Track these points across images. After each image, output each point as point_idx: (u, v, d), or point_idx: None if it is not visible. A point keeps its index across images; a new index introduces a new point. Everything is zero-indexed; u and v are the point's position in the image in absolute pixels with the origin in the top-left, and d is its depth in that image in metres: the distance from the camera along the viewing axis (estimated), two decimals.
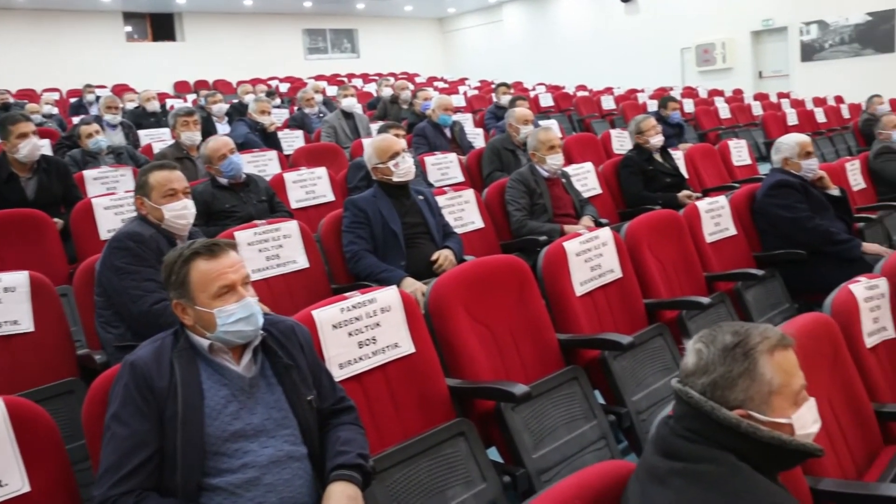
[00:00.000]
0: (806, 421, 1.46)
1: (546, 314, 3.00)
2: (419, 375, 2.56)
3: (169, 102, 11.78)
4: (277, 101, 11.46)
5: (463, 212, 4.35)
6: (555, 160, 4.50)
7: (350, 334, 2.46)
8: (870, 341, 2.62)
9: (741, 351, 1.44)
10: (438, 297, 2.73)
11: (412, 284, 3.44)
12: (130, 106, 9.68)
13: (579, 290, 3.16)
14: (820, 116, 11.14)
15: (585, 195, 4.94)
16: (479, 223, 4.40)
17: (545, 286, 3.12)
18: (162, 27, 19.97)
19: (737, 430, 1.40)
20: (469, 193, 4.43)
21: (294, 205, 4.90)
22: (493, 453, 2.69)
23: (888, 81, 14.26)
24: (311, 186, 5.08)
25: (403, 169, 3.77)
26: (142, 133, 7.78)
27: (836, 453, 2.23)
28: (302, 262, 3.74)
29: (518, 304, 2.93)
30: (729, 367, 1.43)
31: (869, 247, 4.21)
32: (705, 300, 3.36)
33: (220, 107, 8.49)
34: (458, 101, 11.59)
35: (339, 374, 2.37)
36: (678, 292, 3.65)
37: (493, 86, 10.80)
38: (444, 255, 3.66)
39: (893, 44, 15.47)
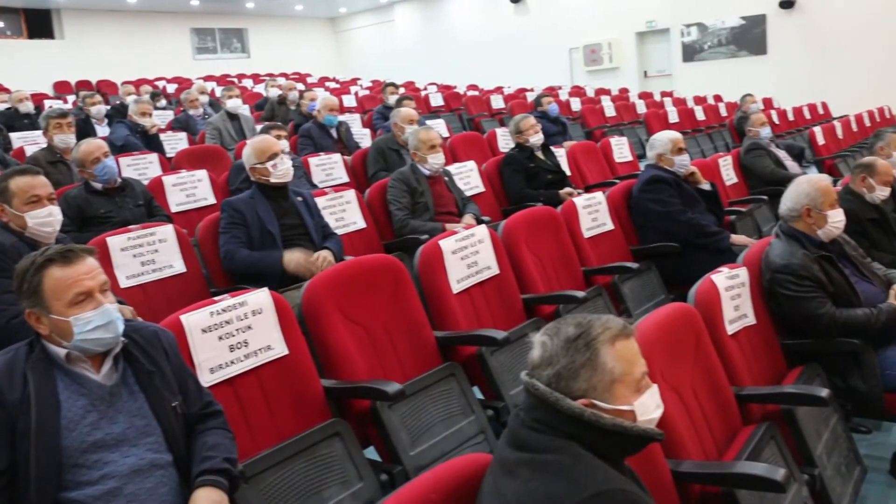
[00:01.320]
0: (648, 407, 1.51)
1: (422, 312, 3.02)
2: (293, 377, 2.53)
3: (47, 103, 11.26)
4: (163, 102, 11.11)
5: (344, 212, 4.33)
6: (436, 159, 4.52)
7: (221, 338, 2.41)
8: (731, 328, 2.75)
9: (583, 342, 1.47)
10: (312, 297, 2.71)
11: (293, 257, 3.46)
12: (2, 107, 9.22)
13: (456, 288, 3.19)
14: (699, 114, 11.58)
15: (469, 193, 4.98)
16: (360, 223, 4.39)
17: (422, 284, 3.14)
18: (38, 24, 19.03)
19: (580, 419, 1.43)
20: (350, 194, 4.41)
21: (174, 208, 4.79)
22: (372, 453, 2.69)
23: (761, 81, 15.01)
24: (191, 189, 4.97)
25: (281, 170, 3.73)
26: (15, 136, 7.41)
27: (699, 436, 2.32)
28: (179, 266, 3.66)
29: (394, 303, 2.93)
30: (572, 358, 1.47)
31: (737, 238, 4.41)
32: (580, 294, 3.44)
33: (99, 108, 8.15)
34: (349, 101, 11.54)
35: (210, 379, 2.32)
36: (556, 287, 3.73)
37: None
38: (322, 257, 3.62)
39: (765, 46, 16.30)
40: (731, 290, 2.82)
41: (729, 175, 6.10)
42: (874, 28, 14.82)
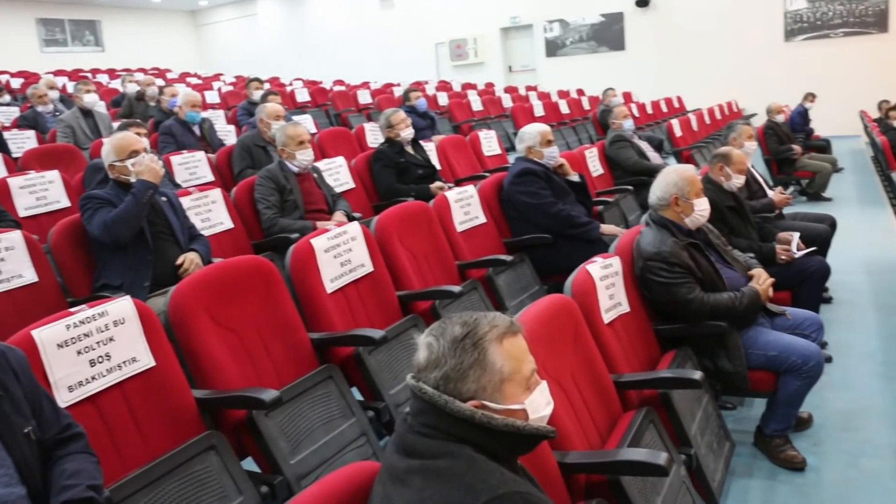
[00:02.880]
0: (538, 404, 1.48)
1: (296, 314, 2.91)
2: (162, 390, 2.37)
3: None
4: (7, 97, 10.40)
5: (210, 212, 4.14)
6: (304, 155, 4.40)
7: (79, 353, 2.23)
8: (607, 317, 2.79)
9: (470, 342, 1.42)
10: (179, 303, 2.56)
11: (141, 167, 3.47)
12: None
13: (330, 287, 3.09)
14: (564, 108, 11.88)
15: (338, 190, 4.89)
16: (228, 224, 4.21)
17: (294, 285, 3.03)
18: None
19: (471, 421, 1.39)
20: (216, 193, 4.22)
21: (22, 213, 4.47)
22: (251, 464, 2.57)
23: (620, 75, 15.60)
24: (41, 192, 4.64)
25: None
26: None
27: (582, 426, 2.33)
28: (29, 276, 3.40)
29: (266, 306, 2.81)
30: (459, 358, 1.41)
31: (606, 228, 4.51)
32: (456, 288, 3.42)
33: None
34: (212, 97, 11.17)
35: (68, 399, 2.14)
36: (431, 282, 3.69)
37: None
38: (189, 259, 3.45)
39: (623, 42, 16.94)
40: (606, 280, 2.86)
41: (595, 166, 6.25)
42: (720, 27, 15.74)
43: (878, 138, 9.21)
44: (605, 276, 2.85)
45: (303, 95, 11.72)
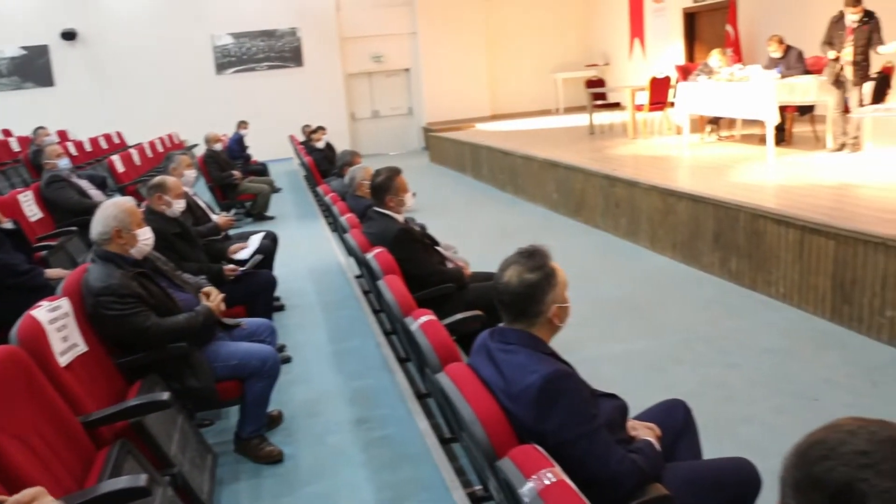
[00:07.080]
0: None
1: None
2: None
3: None
4: None
5: None
6: None
7: None
8: (63, 360, 2.71)
9: None
10: None
11: None
12: None
13: None
14: None
15: None
16: None
17: None
18: None
19: None
20: None
21: None
22: None
23: (53, 112, 14.81)
24: None
25: None
26: None
27: (55, 476, 2.26)
28: None
29: None
30: None
31: (52, 272, 4.34)
32: None
33: None
34: None
35: None
36: None
37: None
38: None
39: (52, 77, 16.07)
40: (56, 322, 2.77)
41: (32, 211, 5.90)
42: (154, 61, 16.05)
43: (306, 159, 10.33)
44: (54, 318, 2.76)
45: None
